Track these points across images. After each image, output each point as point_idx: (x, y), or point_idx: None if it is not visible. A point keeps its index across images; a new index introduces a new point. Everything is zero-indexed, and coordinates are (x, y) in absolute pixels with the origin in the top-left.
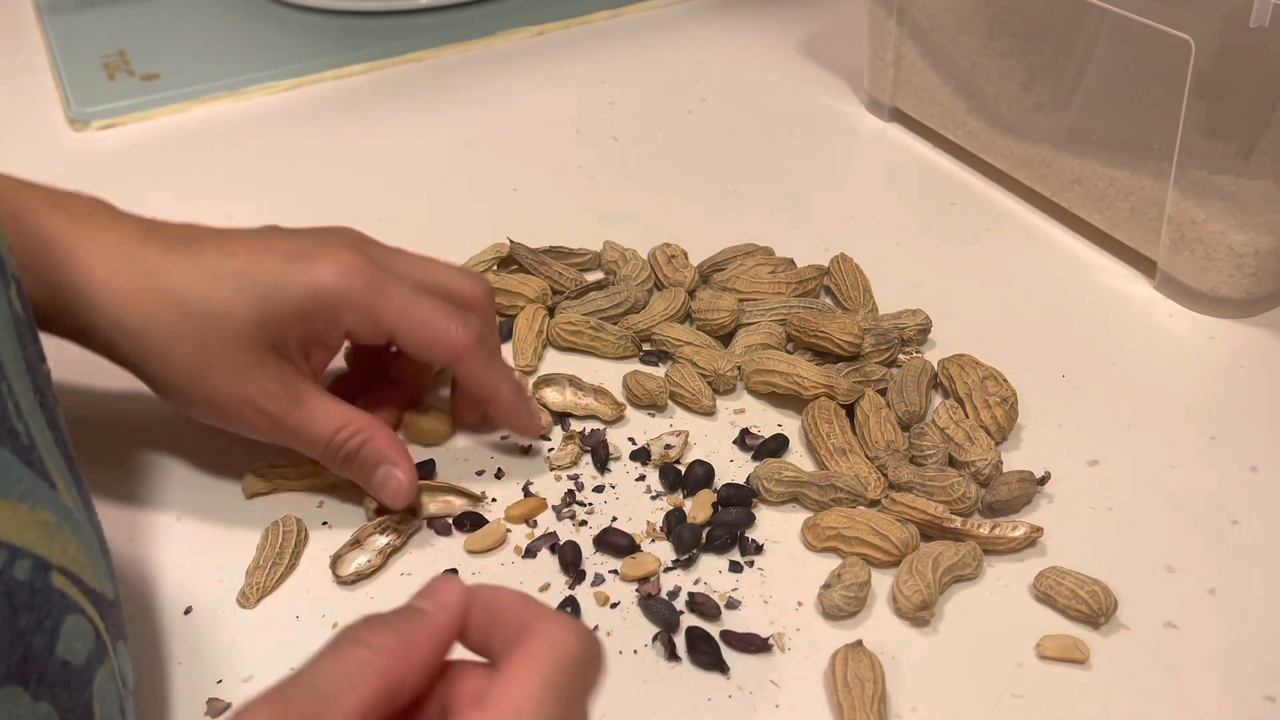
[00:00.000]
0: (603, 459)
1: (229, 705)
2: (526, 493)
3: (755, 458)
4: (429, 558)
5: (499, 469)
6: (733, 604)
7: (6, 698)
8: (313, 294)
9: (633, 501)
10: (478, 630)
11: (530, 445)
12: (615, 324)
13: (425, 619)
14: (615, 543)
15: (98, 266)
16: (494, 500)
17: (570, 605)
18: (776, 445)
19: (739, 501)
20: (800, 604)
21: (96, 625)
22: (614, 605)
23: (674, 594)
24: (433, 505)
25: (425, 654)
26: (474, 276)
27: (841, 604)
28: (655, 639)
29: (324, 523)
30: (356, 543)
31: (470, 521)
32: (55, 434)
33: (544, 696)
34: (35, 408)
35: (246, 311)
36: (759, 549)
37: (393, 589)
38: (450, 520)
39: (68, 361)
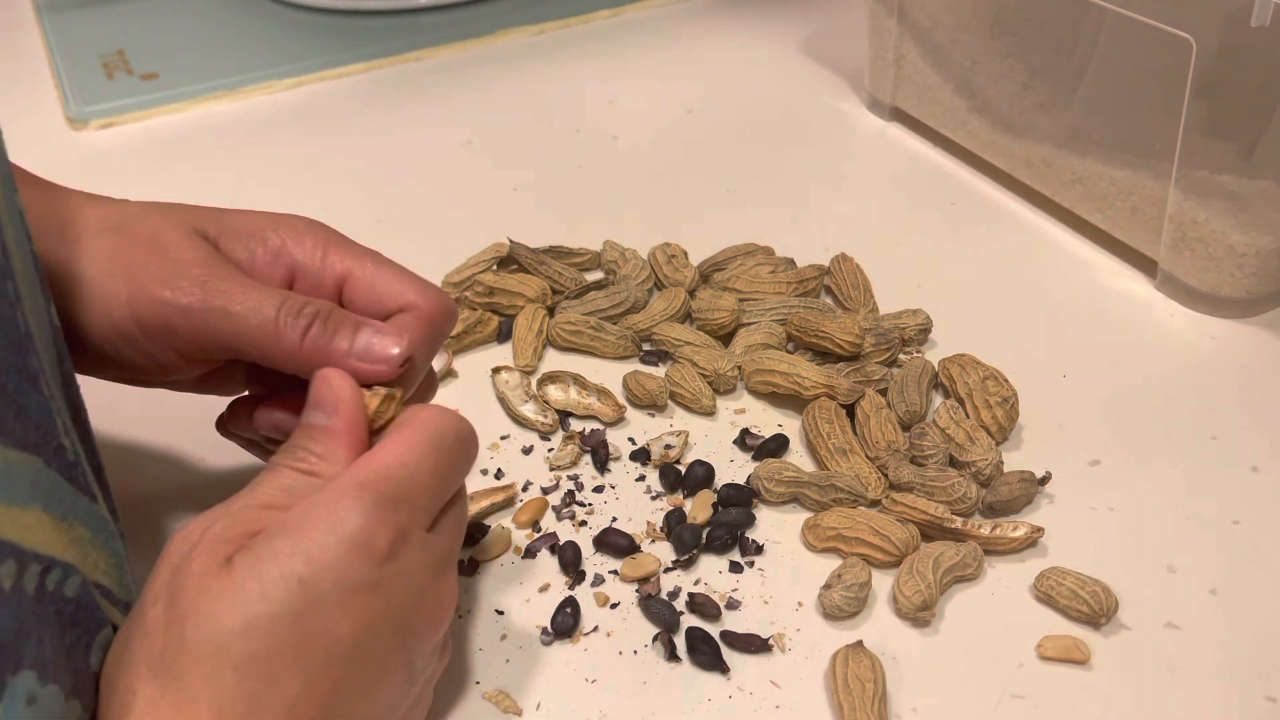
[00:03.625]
0: (603, 459)
1: None
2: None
3: (755, 458)
4: None
5: (499, 469)
6: (733, 604)
7: (70, 711)
8: (266, 218)
9: (633, 502)
10: None
11: (530, 446)
12: (615, 324)
13: (335, 426)
14: (615, 543)
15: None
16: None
17: (570, 605)
18: (777, 445)
19: (739, 502)
20: (800, 604)
21: None
22: (614, 606)
23: (674, 594)
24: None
25: (346, 460)
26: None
27: (842, 604)
28: (655, 639)
29: None
30: None
31: (475, 531)
32: (87, 446)
33: (433, 446)
34: (72, 422)
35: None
36: (759, 549)
37: None
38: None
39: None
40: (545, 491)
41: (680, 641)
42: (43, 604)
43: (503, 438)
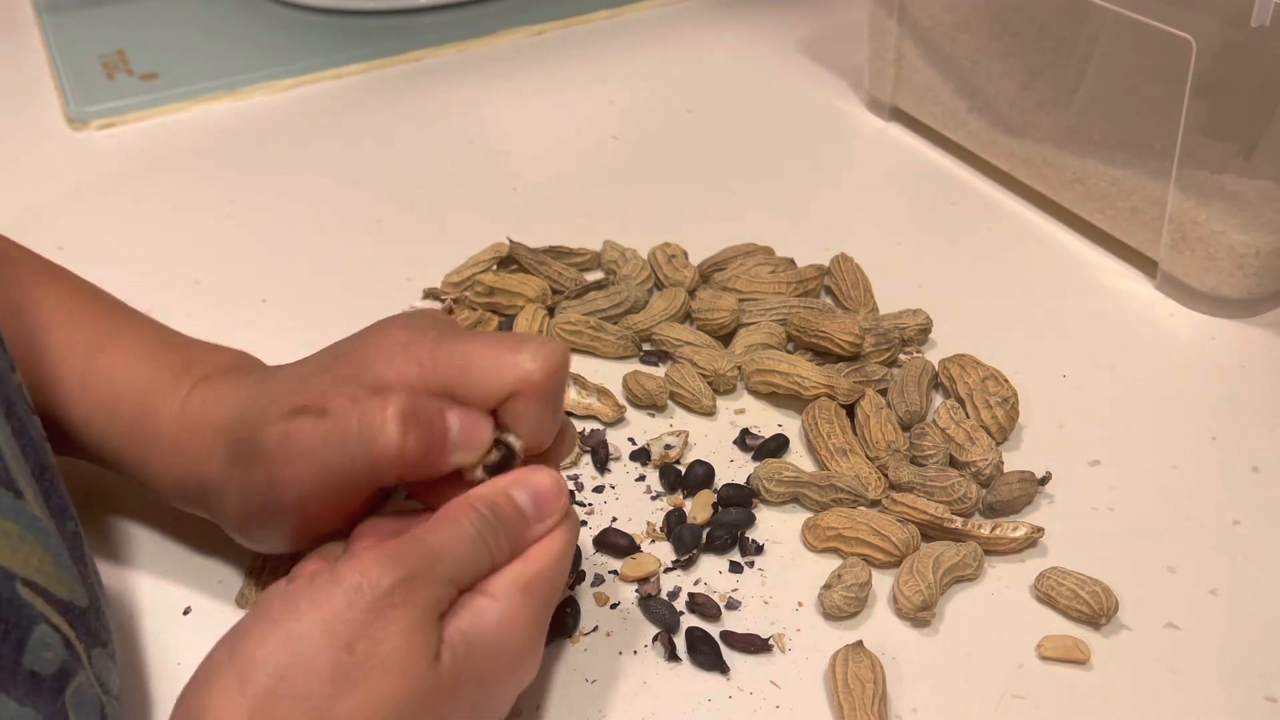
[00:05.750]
0: (603, 459)
1: None
2: None
3: (755, 458)
4: None
5: None
6: (733, 604)
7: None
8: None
9: (633, 502)
10: None
11: None
12: (615, 324)
13: (533, 534)
14: (615, 543)
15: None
16: None
17: (570, 605)
18: (776, 445)
19: (739, 502)
20: (800, 604)
21: (66, 635)
22: (614, 606)
23: (674, 594)
24: None
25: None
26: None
27: (842, 604)
28: (655, 639)
29: None
30: None
31: None
32: (23, 442)
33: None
34: (1, 417)
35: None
36: (759, 549)
37: None
38: None
39: None
40: None
41: (680, 641)
42: None
43: None
